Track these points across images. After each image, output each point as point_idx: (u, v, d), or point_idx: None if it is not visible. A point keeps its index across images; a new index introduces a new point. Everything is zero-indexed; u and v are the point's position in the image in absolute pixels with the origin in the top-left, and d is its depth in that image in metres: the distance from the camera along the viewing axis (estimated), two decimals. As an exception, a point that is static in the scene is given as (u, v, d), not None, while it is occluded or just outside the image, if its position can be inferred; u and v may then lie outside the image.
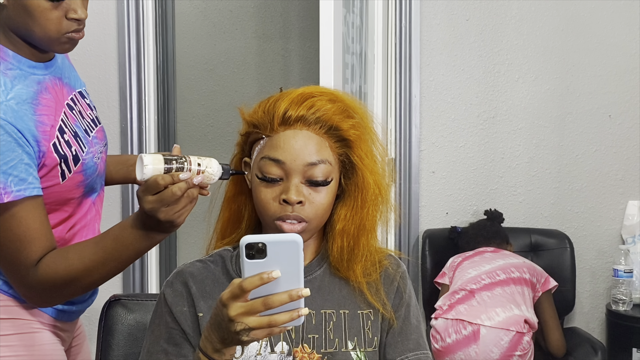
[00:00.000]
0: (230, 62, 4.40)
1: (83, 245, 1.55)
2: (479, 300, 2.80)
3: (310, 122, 1.35)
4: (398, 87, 3.29)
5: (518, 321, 2.75)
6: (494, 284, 2.84)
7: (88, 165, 1.64)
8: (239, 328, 1.15)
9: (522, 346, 2.75)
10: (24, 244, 1.48)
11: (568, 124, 3.42)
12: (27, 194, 1.46)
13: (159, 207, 1.38)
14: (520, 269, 2.89)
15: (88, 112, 1.74)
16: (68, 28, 1.53)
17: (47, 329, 1.65)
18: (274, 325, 1.15)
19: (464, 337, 2.76)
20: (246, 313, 1.14)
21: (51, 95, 1.59)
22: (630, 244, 3.33)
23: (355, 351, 1.37)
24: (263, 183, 1.36)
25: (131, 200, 3.14)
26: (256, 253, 1.13)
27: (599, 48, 3.40)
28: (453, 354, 2.78)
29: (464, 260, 3.00)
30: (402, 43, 3.27)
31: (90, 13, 3.28)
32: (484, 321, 2.75)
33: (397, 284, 1.43)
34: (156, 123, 3.28)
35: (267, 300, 1.13)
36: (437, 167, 3.38)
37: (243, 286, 1.13)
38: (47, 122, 1.54)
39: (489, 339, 2.73)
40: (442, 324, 2.82)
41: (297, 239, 1.14)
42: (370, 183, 1.41)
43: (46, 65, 1.61)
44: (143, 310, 1.69)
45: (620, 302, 3.18)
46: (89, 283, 1.54)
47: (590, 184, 3.44)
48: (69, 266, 1.50)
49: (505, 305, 2.78)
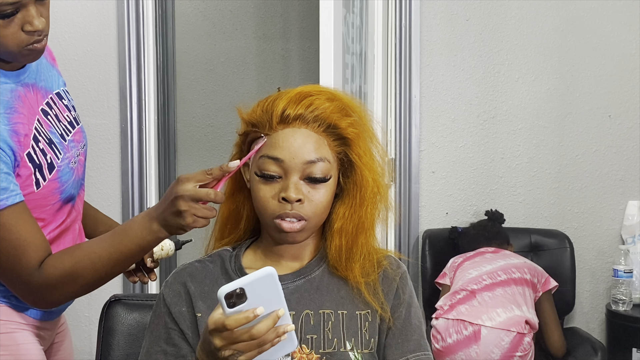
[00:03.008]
0: (230, 62, 4.40)
1: (90, 242, 1.55)
2: (480, 301, 2.79)
3: (308, 121, 1.36)
4: (398, 87, 3.29)
5: (519, 322, 2.75)
6: (495, 284, 2.83)
7: (64, 172, 1.64)
8: (227, 354, 1.15)
9: (522, 347, 2.75)
10: (21, 250, 1.49)
11: (568, 124, 3.42)
12: (9, 202, 1.47)
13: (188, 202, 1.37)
14: (521, 270, 2.89)
15: (65, 114, 1.72)
16: (28, 41, 1.51)
17: (26, 329, 1.65)
18: (262, 345, 1.15)
19: (464, 337, 2.76)
20: (232, 343, 1.14)
21: (24, 103, 1.57)
22: (630, 244, 3.33)
23: (353, 352, 1.37)
24: (262, 181, 1.36)
25: (131, 199, 3.14)
26: (237, 300, 1.12)
27: (599, 48, 3.40)
28: (454, 354, 2.78)
29: (464, 261, 3.00)
30: (402, 43, 3.27)
31: (90, 13, 3.29)
32: (485, 321, 2.74)
33: (396, 285, 1.43)
34: (156, 123, 3.28)
35: (252, 332, 1.13)
36: (437, 167, 3.38)
37: (227, 325, 1.13)
38: (22, 132, 1.53)
39: (489, 340, 2.73)
40: (443, 324, 2.82)
41: (271, 271, 1.13)
42: (369, 181, 1.41)
43: (18, 73, 1.59)
44: (143, 310, 1.69)
45: (620, 302, 3.18)
46: (95, 279, 1.53)
47: (590, 184, 3.44)
48: (76, 263, 1.50)
49: (506, 306, 2.78)
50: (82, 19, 3.12)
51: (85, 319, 3.05)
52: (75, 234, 1.73)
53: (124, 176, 3.15)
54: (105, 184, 3.12)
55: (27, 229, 1.49)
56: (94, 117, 3.13)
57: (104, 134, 3.14)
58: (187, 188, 1.36)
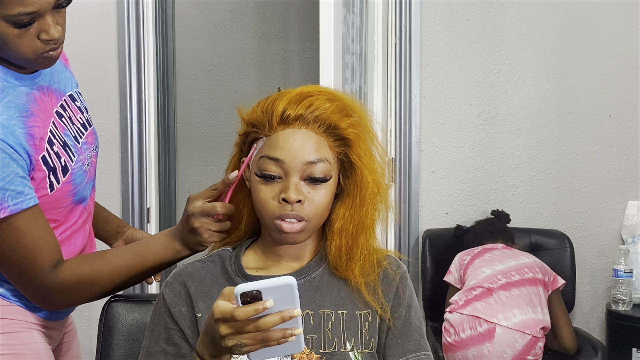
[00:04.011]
0: (230, 62, 4.40)
1: (110, 251, 1.61)
2: (496, 299, 2.77)
3: (308, 121, 1.36)
4: (398, 87, 3.29)
5: (534, 326, 2.72)
6: (510, 284, 2.81)
7: (77, 175, 1.64)
8: (230, 344, 1.15)
9: (534, 351, 2.72)
10: (35, 253, 1.50)
11: (568, 124, 3.42)
12: (24, 206, 1.47)
13: (200, 218, 1.48)
14: (532, 269, 2.88)
15: (79, 117, 1.72)
16: (43, 49, 1.50)
17: (35, 328, 1.65)
18: (267, 341, 1.15)
19: (479, 334, 2.74)
20: (237, 333, 1.14)
21: (39, 106, 1.57)
22: (630, 244, 3.33)
23: (353, 352, 1.37)
24: (262, 182, 1.36)
25: (131, 199, 3.14)
26: (251, 300, 1.12)
27: (599, 48, 3.40)
28: (465, 350, 2.75)
29: (473, 259, 2.97)
30: (402, 43, 3.27)
31: (90, 13, 3.29)
32: (501, 321, 2.72)
33: (396, 285, 1.43)
34: (156, 123, 3.28)
35: (258, 323, 1.13)
36: (437, 167, 3.38)
37: (236, 316, 1.12)
38: (37, 135, 1.53)
39: (503, 339, 2.71)
40: (457, 319, 2.79)
41: (292, 281, 1.13)
42: (369, 181, 1.41)
43: (33, 77, 1.59)
44: (143, 310, 1.69)
45: (620, 302, 3.18)
46: (109, 289, 1.58)
47: (590, 184, 3.44)
48: (94, 270, 1.55)
49: (522, 307, 2.75)
50: (82, 19, 3.12)
51: (85, 319, 3.05)
52: (85, 235, 1.74)
53: (124, 176, 3.15)
54: (105, 184, 3.12)
55: (40, 232, 1.51)
56: (94, 117, 3.07)
57: (104, 134, 3.14)
58: (196, 205, 1.48)
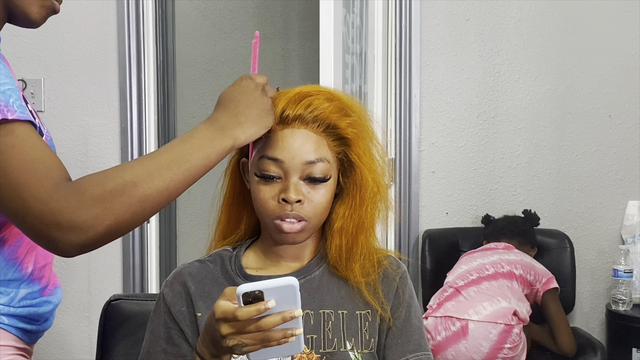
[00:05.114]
0: (230, 62, 4.40)
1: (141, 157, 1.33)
2: (465, 296, 2.80)
3: (308, 121, 1.35)
4: (398, 87, 3.29)
5: (506, 314, 2.74)
6: (482, 278, 2.84)
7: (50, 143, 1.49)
8: (231, 344, 1.15)
9: (511, 338, 2.74)
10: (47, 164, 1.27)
11: (568, 124, 3.42)
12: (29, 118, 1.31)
13: None
14: (512, 264, 2.89)
15: None
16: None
17: (19, 354, 1.61)
18: (267, 341, 1.15)
19: (453, 333, 2.76)
20: (238, 332, 1.14)
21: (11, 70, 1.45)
22: (630, 244, 3.33)
23: (354, 352, 1.37)
24: (262, 182, 1.36)
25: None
26: (253, 300, 1.12)
27: (599, 48, 3.40)
28: (444, 351, 2.78)
29: (465, 255, 3.02)
30: (402, 43, 3.27)
31: (90, 13, 3.28)
32: (472, 316, 2.75)
33: (396, 285, 1.43)
34: (156, 123, 3.28)
35: (259, 323, 1.13)
36: (437, 167, 3.38)
37: (238, 315, 1.13)
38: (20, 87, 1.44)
39: (477, 333, 2.73)
40: (432, 323, 2.82)
41: (294, 282, 1.13)
42: (368, 181, 1.40)
43: None
44: (143, 310, 1.69)
45: (620, 302, 3.18)
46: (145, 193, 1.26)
47: (590, 184, 3.44)
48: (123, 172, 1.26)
49: (492, 299, 2.78)
50: (82, 19, 3.12)
51: (85, 319, 3.05)
52: None
53: (124, 176, 3.14)
54: (105, 184, 3.11)
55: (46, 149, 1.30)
56: (94, 117, 3.13)
57: (104, 134, 3.14)
58: None
